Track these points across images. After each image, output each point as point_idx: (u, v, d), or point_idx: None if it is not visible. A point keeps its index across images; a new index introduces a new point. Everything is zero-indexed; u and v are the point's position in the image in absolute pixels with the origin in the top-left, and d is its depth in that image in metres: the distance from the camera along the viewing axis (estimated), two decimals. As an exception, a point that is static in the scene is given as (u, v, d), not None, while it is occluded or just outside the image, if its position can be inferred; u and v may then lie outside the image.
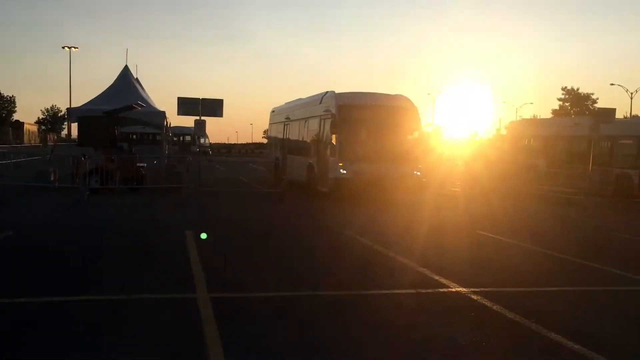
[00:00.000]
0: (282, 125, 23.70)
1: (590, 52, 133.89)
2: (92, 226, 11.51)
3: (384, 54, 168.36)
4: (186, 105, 16.53)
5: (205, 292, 6.56)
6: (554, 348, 5.17)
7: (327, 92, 18.68)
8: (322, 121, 18.02)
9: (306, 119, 20.24)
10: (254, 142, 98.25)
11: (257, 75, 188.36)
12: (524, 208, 18.10)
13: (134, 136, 34.83)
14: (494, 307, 6.34)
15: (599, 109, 21.05)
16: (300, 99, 23.19)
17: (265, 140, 31.41)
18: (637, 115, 60.75)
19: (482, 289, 7.10)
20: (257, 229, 12.04)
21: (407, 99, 18.17)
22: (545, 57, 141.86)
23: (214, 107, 16.86)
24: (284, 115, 23.90)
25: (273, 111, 26.83)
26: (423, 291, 7.01)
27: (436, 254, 9.57)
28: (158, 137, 29.96)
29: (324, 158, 17.46)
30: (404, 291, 7.02)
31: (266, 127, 28.27)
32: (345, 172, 16.31)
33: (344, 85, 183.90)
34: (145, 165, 19.47)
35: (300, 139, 20.86)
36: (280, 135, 23.99)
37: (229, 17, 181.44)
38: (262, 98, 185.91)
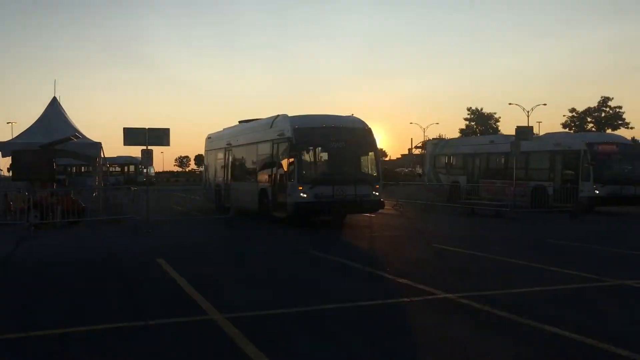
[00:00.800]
0: (223, 152, 23.25)
1: (488, 73, 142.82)
2: (55, 261, 11.32)
3: (294, 77, 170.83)
4: (132, 135, 16.46)
5: (217, 313, 6.89)
6: (553, 337, 6.00)
7: (277, 115, 18.60)
8: (276, 145, 17.75)
9: (255, 143, 19.87)
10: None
11: (162, 101, 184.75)
12: (459, 221, 19.45)
13: (73, 169, 33.83)
14: (484, 308, 7.13)
15: (518, 127, 22.94)
16: (242, 123, 23.12)
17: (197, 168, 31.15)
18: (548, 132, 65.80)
19: (465, 293, 7.89)
20: (224, 252, 12.37)
21: (360, 120, 18.11)
22: (447, 79, 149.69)
23: (160, 136, 16.87)
24: (224, 142, 23.57)
25: (209, 137, 26.47)
26: (415, 299, 7.71)
27: (409, 266, 10.33)
28: (91, 169, 29.16)
29: (280, 183, 17.20)
30: (399, 300, 7.68)
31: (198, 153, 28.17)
32: (305, 195, 16.05)
33: (260, 109, 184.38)
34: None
35: (249, 165, 20.61)
36: (222, 162, 23.50)
37: (138, 45, 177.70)
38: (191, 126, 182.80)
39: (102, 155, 21.24)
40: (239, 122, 23.85)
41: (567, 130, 71.93)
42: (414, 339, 6.07)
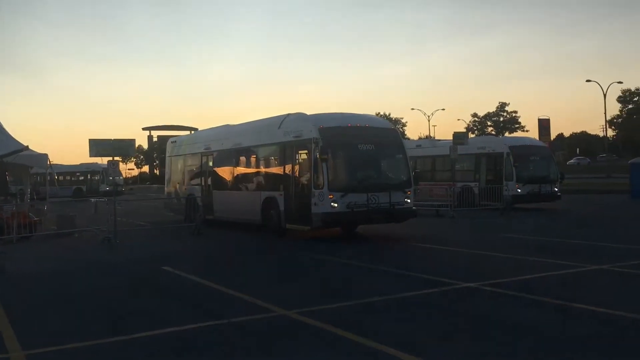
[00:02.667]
0: (199, 157, 21.30)
1: (388, 79, 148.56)
2: (52, 273, 11.33)
3: (190, 86, 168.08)
4: (98, 147, 16.33)
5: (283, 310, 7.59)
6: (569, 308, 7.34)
7: (287, 115, 16.65)
8: (289, 148, 15.84)
9: (255, 147, 18.09)
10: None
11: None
12: (413, 223, 20.91)
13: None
14: (509, 293, 8.40)
15: (455, 132, 24.97)
16: (227, 125, 21.30)
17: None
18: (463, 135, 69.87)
19: (481, 282, 9.13)
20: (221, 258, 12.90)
21: (386, 120, 17.23)
22: (347, 85, 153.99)
23: (125, 147, 16.85)
24: (198, 146, 21.65)
25: (173, 142, 24.59)
26: (445, 288, 8.83)
27: (415, 262, 11.45)
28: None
29: (301, 191, 15.17)
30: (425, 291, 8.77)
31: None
32: (335, 205, 14.08)
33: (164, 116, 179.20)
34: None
35: (244, 171, 18.70)
36: (196, 169, 21.65)
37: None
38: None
39: (49, 165, 20.64)
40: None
41: (471, 133, 77.36)
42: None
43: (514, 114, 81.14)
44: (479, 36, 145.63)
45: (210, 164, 20.50)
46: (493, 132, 79.08)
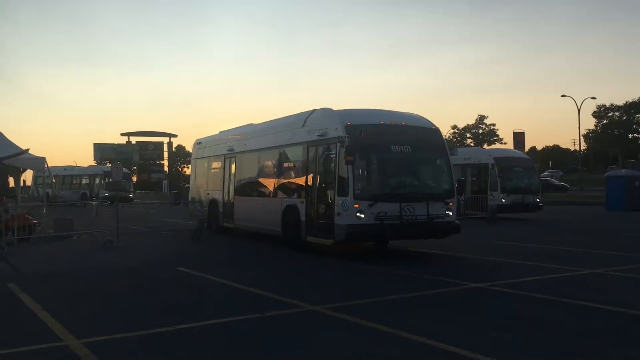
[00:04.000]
0: (222, 160, 19.56)
1: (365, 90, 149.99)
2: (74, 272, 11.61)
3: (163, 93, 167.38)
4: (102, 151, 16.61)
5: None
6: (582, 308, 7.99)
7: (312, 110, 14.76)
8: (313, 148, 13.88)
9: (276, 147, 16.20)
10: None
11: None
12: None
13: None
14: (520, 293, 9.04)
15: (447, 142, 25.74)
16: (250, 124, 19.47)
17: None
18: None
19: (490, 283, 9.76)
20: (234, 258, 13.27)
21: (426, 118, 14.39)
22: (326, 96, 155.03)
23: (129, 151, 17.14)
24: (222, 147, 19.81)
25: (199, 143, 22.62)
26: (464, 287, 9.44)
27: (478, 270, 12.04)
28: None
29: (323, 199, 13.38)
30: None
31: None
32: (362, 216, 12.18)
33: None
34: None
35: (265, 175, 16.87)
36: (219, 173, 19.81)
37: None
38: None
39: (47, 167, 20.74)
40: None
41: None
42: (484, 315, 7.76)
43: (492, 127, 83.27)
44: (456, 49, 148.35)
45: (231, 167, 19.03)
46: (472, 144, 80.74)
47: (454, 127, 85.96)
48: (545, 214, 26.65)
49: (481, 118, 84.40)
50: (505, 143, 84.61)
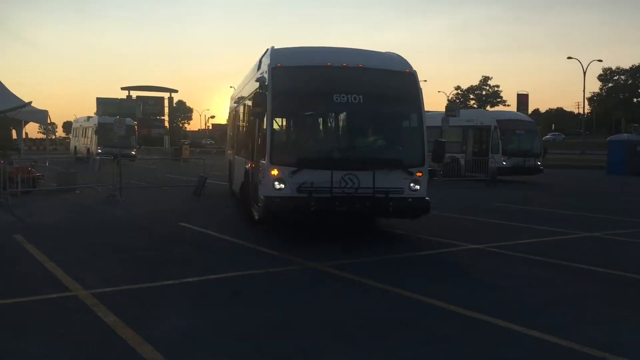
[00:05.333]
0: (234, 110, 17.29)
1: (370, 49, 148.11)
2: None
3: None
4: (105, 106, 16.61)
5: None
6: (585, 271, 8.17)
7: (267, 50, 11.22)
8: (255, 98, 10.38)
9: (244, 99, 13.90)
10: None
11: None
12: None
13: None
14: (517, 254, 9.22)
15: (448, 103, 25.79)
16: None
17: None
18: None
19: (487, 244, 9.94)
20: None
21: (399, 58, 10.94)
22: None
23: (131, 107, 17.14)
24: (235, 97, 17.32)
25: (234, 89, 19.98)
26: (453, 249, 9.62)
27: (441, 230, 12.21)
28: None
29: (257, 162, 10.63)
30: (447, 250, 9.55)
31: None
32: (281, 186, 9.46)
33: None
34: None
35: (241, 130, 14.90)
36: (232, 126, 18.06)
37: None
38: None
39: (50, 121, 20.77)
40: None
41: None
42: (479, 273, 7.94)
43: (496, 88, 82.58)
44: (462, 7, 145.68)
45: (233, 122, 17.32)
46: (475, 106, 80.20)
47: (457, 87, 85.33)
48: (546, 177, 26.75)
49: (485, 79, 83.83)
50: (508, 105, 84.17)
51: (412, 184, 9.89)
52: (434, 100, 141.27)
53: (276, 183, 9.50)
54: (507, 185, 23.94)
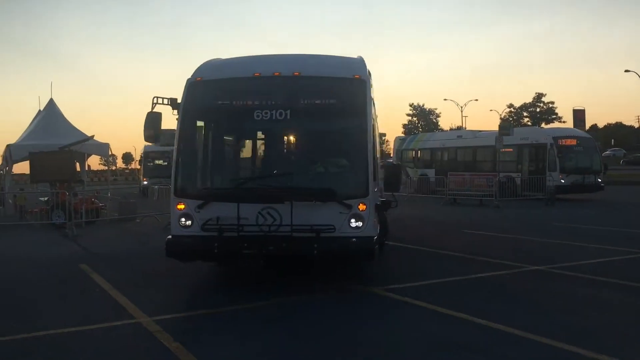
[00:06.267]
0: None
1: (421, 68, 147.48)
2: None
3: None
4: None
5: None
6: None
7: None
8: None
9: None
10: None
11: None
12: (457, 211, 21.38)
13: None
14: (581, 275, 8.93)
15: (501, 122, 25.37)
16: None
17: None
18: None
19: (549, 265, 9.67)
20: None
21: (350, 63, 8.97)
22: (382, 75, 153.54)
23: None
24: None
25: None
26: (512, 271, 9.40)
27: (473, 248, 12.00)
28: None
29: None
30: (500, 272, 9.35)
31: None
32: (188, 223, 7.92)
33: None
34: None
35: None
36: None
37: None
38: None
39: (110, 153, 21.66)
40: None
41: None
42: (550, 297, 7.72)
43: (550, 105, 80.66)
44: (514, 24, 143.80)
45: None
46: (529, 123, 78.55)
47: (510, 105, 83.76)
48: (607, 195, 25.84)
49: (539, 96, 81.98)
50: (564, 122, 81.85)
51: (352, 220, 7.59)
52: (486, 119, 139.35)
53: (183, 219, 7.91)
54: (566, 203, 23.27)
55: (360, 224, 7.62)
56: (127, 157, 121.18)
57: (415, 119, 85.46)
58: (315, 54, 9.65)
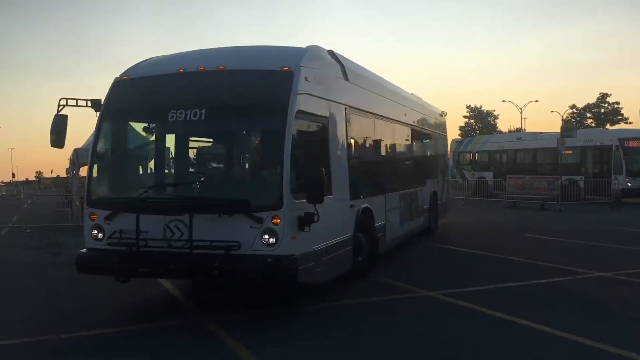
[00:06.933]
0: None
1: (479, 69, 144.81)
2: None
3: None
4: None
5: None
6: None
7: None
8: None
9: None
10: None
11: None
12: (518, 215, 20.88)
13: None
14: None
15: (563, 124, 24.75)
16: None
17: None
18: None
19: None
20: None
21: (288, 54, 7.73)
22: (438, 77, 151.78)
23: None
24: None
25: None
26: (579, 277, 9.10)
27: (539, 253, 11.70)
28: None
29: None
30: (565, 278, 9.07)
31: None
32: (101, 235, 7.16)
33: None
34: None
35: None
36: None
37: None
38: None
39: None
40: None
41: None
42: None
43: (615, 105, 77.44)
44: (576, 23, 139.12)
45: None
46: (593, 125, 75.69)
47: (572, 106, 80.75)
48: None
49: (603, 96, 78.77)
50: (630, 123, 78.27)
51: (264, 236, 6.48)
52: (547, 120, 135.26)
53: (95, 231, 7.21)
54: (633, 207, 22.35)
55: (273, 240, 6.46)
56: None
57: (472, 120, 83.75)
58: (263, 45, 8.42)
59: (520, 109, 70.52)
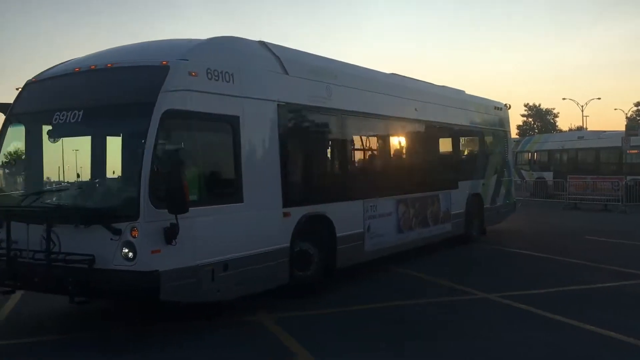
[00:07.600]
0: None
1: (538, 66, 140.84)
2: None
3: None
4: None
5: None
6: None
7: None
8: None
9: None
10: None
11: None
12: (581, 217, 20.22)
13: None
14: None
15: (628, 122, 23.87)
16: None
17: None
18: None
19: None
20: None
21: (183, 47, 6.92)
22: (498, 75, 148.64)
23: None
24: None
25: None
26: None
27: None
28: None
29: None
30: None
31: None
32: None
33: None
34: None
35: None
36: None
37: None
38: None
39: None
40: None
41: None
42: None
43: (684, 102, 74.01)
44: (636, 15, 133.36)
45: None
46: (660, 123, 72.68)
47: (637, 104, 77.31)
48: None
49: (671, 93, 75.45)
50: (700, 120, 74.92)
51: (124, 250, 5.89)
52: (610, 118, 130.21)
53: None
54: None
55: (132, 254, 5.86)
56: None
57: (530, 119, 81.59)
58: (173, 39, 7.60)
59: (582, 106, 68.47)
